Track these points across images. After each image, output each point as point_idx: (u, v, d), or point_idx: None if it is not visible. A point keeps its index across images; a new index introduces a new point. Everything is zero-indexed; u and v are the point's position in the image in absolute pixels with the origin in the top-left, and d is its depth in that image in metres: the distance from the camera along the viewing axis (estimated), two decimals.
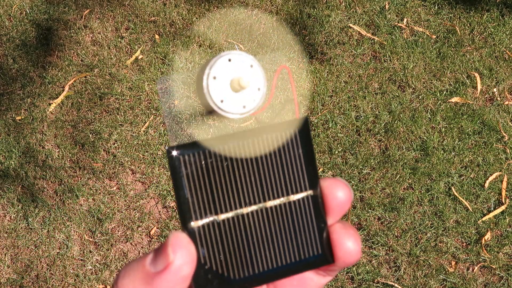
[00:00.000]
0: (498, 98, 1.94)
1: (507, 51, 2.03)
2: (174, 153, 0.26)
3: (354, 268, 1.67)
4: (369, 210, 1.74)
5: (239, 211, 0.27)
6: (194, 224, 0.26)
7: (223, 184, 0.27)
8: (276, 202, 0.28)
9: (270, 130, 0.28)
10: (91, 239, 1.72)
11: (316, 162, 0.28)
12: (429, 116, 1.89)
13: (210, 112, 0.28)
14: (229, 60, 0.28)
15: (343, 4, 2.11)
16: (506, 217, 1.73)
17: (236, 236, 0.27)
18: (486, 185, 1.78)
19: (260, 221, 0.27)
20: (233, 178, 0.27)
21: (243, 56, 0.28)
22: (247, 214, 0.27)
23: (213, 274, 0.27)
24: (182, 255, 0.25)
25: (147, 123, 1.87)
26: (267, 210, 0.27)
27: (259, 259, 0.27)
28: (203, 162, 0.27)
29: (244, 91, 0.28)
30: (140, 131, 1.85)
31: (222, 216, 0.27)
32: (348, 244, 0.28)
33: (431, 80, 1.96)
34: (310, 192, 0.28)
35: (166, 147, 0.27)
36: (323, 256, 0.28)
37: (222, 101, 0.27)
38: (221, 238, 0.27)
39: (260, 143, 0.27)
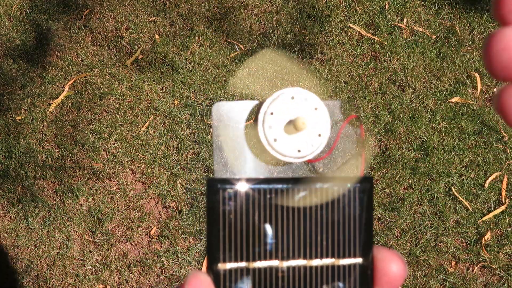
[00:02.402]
0: None
1: None
2: (217, 187, 0.24)
3: None
4: None
5: (276, 263, 0.24)
6: (221, 266, 0.24)
7: (262, 230, 0.24)
8: (322, 262, 0.24)
9: (327, 182, 0.25)
10: (91, 239, 1.72)
11: (373, 228, 0.25)
12: (429, 116, 1.89)
13: (263, 149, 0.25)
14: (292, 97, 0.25)
15: (343, 4, 2.10)
16: (506, 217, 1.73)
17: None
18: (486, 185, 1.78)
19: (297, 279, 0.24)
20: (276, 225, 0.24)
21: (308, 96, 0.25)
22: (285, 268, 0.24)
23: None
24: None
25: (147, 123, 1.87)
26: (309, 270, 0.24)
27: None
28: (244, 202, 0.24)
29: (302, 133, 0.25)
30: (140, 131, 1.85)
31: (255, 265, 0.24)
32: None
33: (431, 80, 1.96)
34: (360, 260, 0.25)
35: (207, 178, 0.25)
36: None
37: (275, 140, 0.25)
38: None
39: (314, 194, 0.25)
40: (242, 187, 0.24)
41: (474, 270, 1.67)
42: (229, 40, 2.02)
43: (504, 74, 0.20)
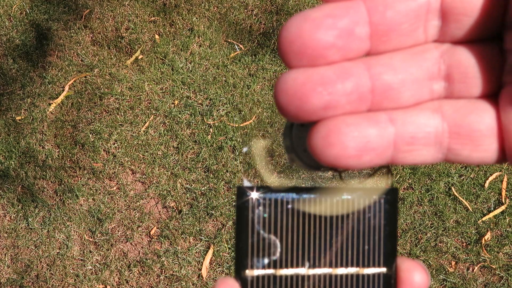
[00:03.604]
0: None
1: None
2: (247, 194, 0.24)
3: None
4: None
5: (302, 270, 0.25)
6: (249, 272, 0.25)
7: (289, 238, 0.25)
8: (347, 271, 0.25)
9: (354, 192, 0.25)
10: (91, 239, 1.72)
11: (397, 238, 0.26)
12: None
13: (291, 160, 0.25)
14: None
15: None
16: (506, 217, 1.74)
17: None
18: (486, 185, 1.78)
19: (322, 287, 0.25)
20: (303, 234, 0.25)
21: None
22: (311, 276, 0.25)
23: None
24: None
25: (147, 123, 1.87)
26: (334, 278, 0.25)
27: None
28: (273, 210, 0.25)
29: None
30: (140, 131, 1.85)
31: (282, 272, 0.25)
32: None
33: None
34: (384, 269, 0.25)
35: (237, 185, 0.25)
36: None
37: (304, 151, 0.24)
38: None
39: (341, 203, 0.25)
40: (271, 195, 0.25)
41: (474, 270, 1.67)
42: (229, 40, 2.02)
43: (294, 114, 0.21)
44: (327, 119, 0.21)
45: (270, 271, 0.25)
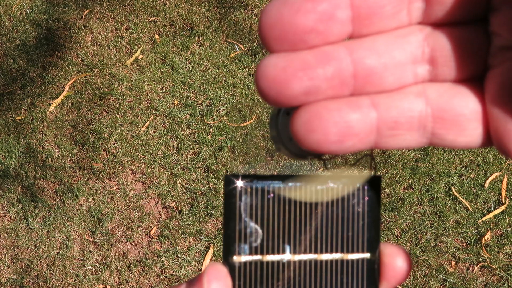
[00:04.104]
0: None
1: None
2: (235, 182, 0.25)
3: None
4: None
5: (288, 256, 0.26)
6: (237, 259, 0.25)
7: (275, 225, 0.25)
8: (331, 256, 0.26)
9: (338, 179, 0.26)
10: (91, 239, 1.72)
11: (380, 225, 0.26)
12: None
13: (278, 148, 0.26)
14: None
15: None
16: (506, 217, 1.74)
17: (278, 282, 0.26)
18: (486, 185, 1.78)
19: (308, 272, 0.26)
20: (288, 221, 0.25)
21: None
22: (296, 262, 0.26)
23: None
24: (217, 287, 0.24)
25: (147, 123, 1.87)
26: (319, 263, 0.26)
27: None
28: (260, 198, 0.25)
29: None
30: (140, 131, 1.86)
31: (268, 258, 0.25)
32: None
33: None
34: (367, 255, 0.26)
35: (225, 174, 0.26)
36: None
37: (290, 140, 0.25)
38: (261, 279, 0.25)
39: (325, 191, 0.26)
40: (257, 183, 0.25)
41: (474, 270, 1.67)
42: (229, 40, 2.02)
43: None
44: (309, 104, 0.21)
45: (257, 257, 0.25)
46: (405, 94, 0.22)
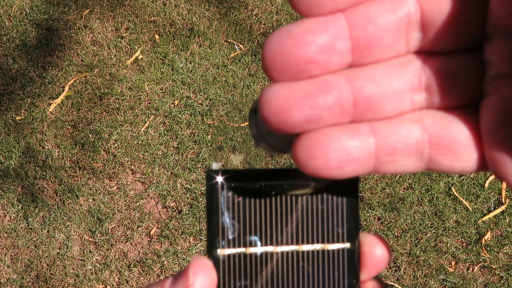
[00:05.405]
0: None
1: None
2: (216, 178, 0.26)
3: None
4: (369, 210, 1.74)
5: (271, 248, 0.26)
6: (221, 252, 0.26)
7: (257, 218, 0.26)
8: (312, 247, 0.27)
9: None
10: (91, 239, 1.72)
11: (359, 216, 0.27)
12: None
13: (257, 143, 0.27)
14: None
15: None
16: (506, 217, 1.74)
17: (262, 273, 0.26)
18: (486, 185, 1.78)
19: (290, 263, 0.27)
20: (270, 214, 0.26)
21: None
22: (278, 253, 0.26)
23: None
24: (202, 280, 0.25)
25: (147, 123, 1.87)
26: (300, 254, 0.27)
27: None
28: (242, 192, 0.26)
29: None
30: (140, 131, 1.86)
31: (251, 250, 0.26)
32: None
33: None
34: (347, 244, 0.27)
35: (207, 170, 0.26)
36: None
37: (269, 133, 0.26)
38: (245, 271, 0.26)
39: (305, 185, 0.27)
40: (240, 178, 0.26)
41: (474, 270, 1.67)
42: (229, 40, 2.02)
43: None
44: (310, 131, 0.21)
45: (241, 249, 0.26)
46: (402, 121, 0.22)
